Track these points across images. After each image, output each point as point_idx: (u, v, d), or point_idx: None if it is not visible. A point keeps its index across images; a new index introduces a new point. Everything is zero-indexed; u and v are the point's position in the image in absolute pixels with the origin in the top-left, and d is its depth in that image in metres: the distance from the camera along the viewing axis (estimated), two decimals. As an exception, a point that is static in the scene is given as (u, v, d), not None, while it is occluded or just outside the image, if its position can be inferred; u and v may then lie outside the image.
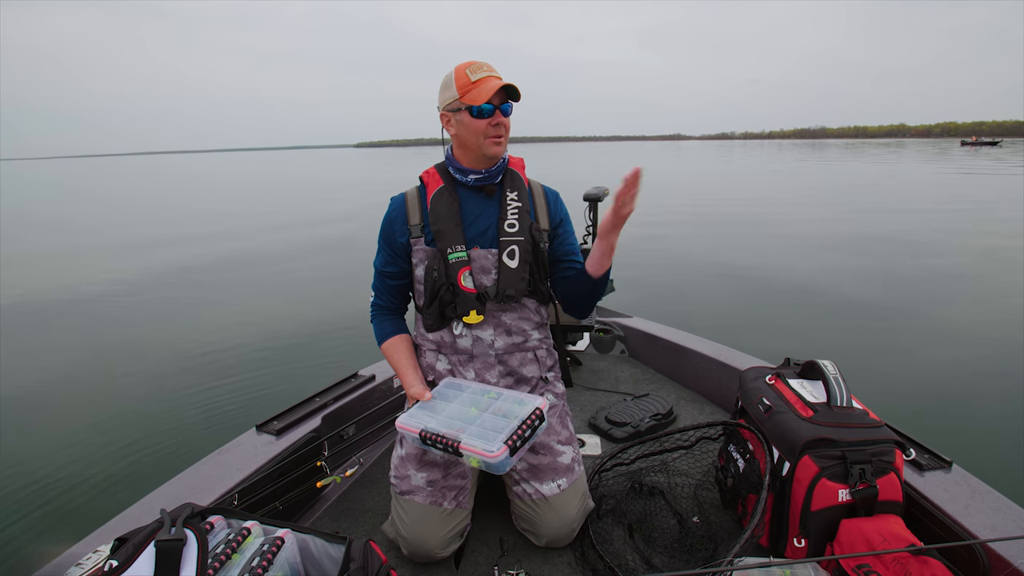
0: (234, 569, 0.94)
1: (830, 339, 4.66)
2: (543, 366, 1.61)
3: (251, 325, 5.35)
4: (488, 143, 1.41)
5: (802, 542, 1.33)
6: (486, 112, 1.38)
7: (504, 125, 1.41)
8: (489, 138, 1.41)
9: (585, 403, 2.37)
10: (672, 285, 6.42)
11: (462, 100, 1.38)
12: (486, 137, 1.40)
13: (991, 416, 3.27)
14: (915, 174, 23.66)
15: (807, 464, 1.30)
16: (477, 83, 1.37)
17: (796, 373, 1.60)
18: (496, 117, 1.39)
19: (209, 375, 4.14)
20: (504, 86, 1.37)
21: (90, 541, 1.25)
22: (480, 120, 1.39)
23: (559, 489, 1.49)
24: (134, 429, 3.38)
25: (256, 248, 9.53)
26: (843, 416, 1.36)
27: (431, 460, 1.49)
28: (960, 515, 1.29)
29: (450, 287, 1.44)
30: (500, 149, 1.44)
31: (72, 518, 2.55)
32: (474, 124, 1.39)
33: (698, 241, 9.08)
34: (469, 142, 1.43)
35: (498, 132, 1.41)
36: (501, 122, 1.40)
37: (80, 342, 5.01)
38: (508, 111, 1.42)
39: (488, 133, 1.40)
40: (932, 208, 12.40)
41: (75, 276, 7.62)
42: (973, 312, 5.22)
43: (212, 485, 1.48)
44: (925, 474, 1.44)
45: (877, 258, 7.46)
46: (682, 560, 1.43)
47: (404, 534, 1.45)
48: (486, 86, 1.36)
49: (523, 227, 1.47)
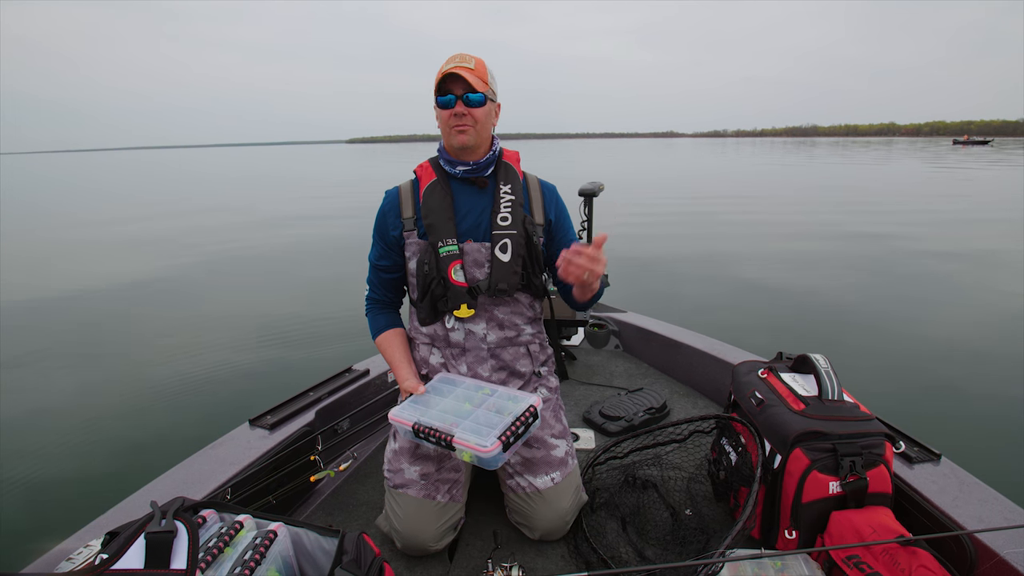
0: (227, 562, 0.94)
1: (822, 334, 4.69)
2: (536, 361, 1.60)
3: (244, 319, 5.33)
4: (452, 132, 1.41)
5: (793, 534, 1.34)
6: (449, 103, 1.39)
7: (471, 115, 1.40)
8: (453, 127, 1.41)
9: (579, 397, 2.38)
10: (666, 280, 6.44)
11: (434, 92, 1.41)
12: (450, 127, 1.41)
13: (980, 410, 3.30)
14: (915, 173, 23.74)
15: (798, 457, 1.32)
16: (443, 75, 1.38)
17: (788, 367, 1.61)
18: (458, 107, 1.39)
19: (201, 369, 4.12)
20: (449, 73, 1.37)
21: (81, 536, 1.25)
22: (445, 110, 1.40)
23: (553, 482, 1.49)
24: (125, 423, 3.37)
25: (250, 243, 9.48)
26: (834, 409, 1.37)
27: (425, 454, 1.49)
28: (948, 507, 1.30)
29: (441, 281, 1.44)
30: (464, 138, 1.42)
31: (62, 513, 2.54)
32: (440, 114, 1.42)
33: (692, 237, 9.10)
34: (442, 132, 1.45)
35: (460, 122, 1.40)
36: (465, 112, 1.39)
37: (73, 336, 4.98)
38: (475, 101, 1.39)
39: (451, 123, 1.40)
40: (925, 207, 12.48)
41: (67, 271, 7.57)
42: (963, 308, 5.27)
43: (205, 479, 1.48)
44: (914, 467, 1.45)
45: (870, 255, 7.51)
46: (675, 552, 1.44)
47: (398, 527, 1.46)
48: (447, 79, 1.38)
49: (516, 220, 1.47)
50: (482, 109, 1.41)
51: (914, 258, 7.27)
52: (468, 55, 1.41)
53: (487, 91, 1.40)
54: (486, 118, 1.43)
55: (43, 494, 2.69)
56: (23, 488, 2.74)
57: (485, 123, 1.43)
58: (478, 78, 1.38)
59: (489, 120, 1.45)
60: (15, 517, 2.53)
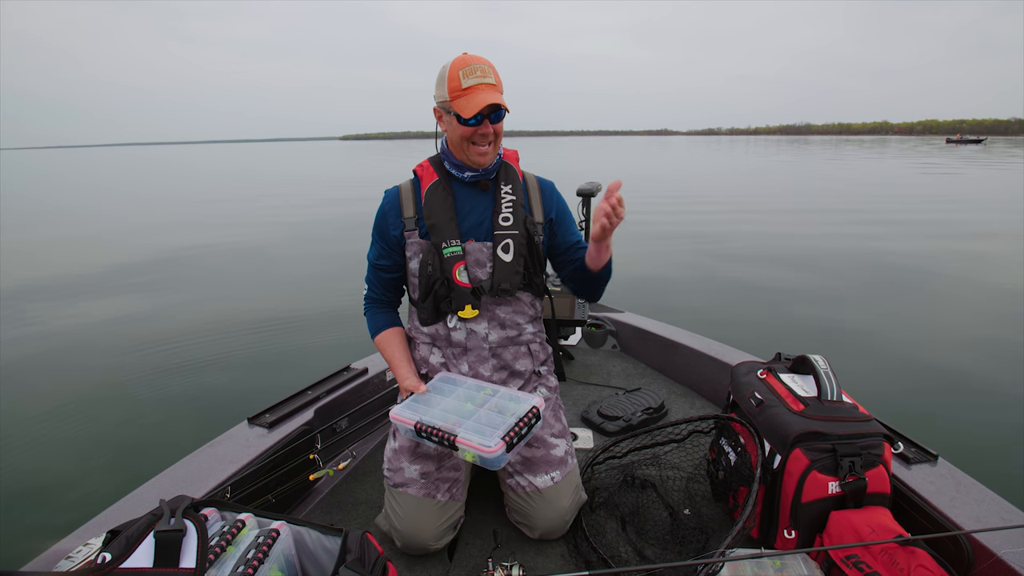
0: (229, 561, 0.93)
1: (820, 335, 4.72)
2: (536, 360, 1.61)
3: (242, 317, 5.30)
4: (473, 151, 1.40)
5: (792, 534, 1.35)
6: (476, 122, 1.36)
7: (494, 132, 1.40)
8: (474, 146, 1.40)
9: (577, 397, 2.38)
10: (663, 281, 6.45)
11: (452, 104, 1.36)
12: (471, 144, 1.40)
13: (977, 411, 3.32)
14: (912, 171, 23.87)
15: (798, 457, 1.32)
16: (467, 92, 1.34)
17: (787, 368, 1.62)
18: (484, 127, 1.38)
19: (199, 367, 4.11)
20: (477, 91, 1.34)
21: (80, 534, 1.24)
22: (467, 127, 1.38)
23: (552, 481, 1.50)
24: (123, 422, 3.35)
25: (247, 240, 9.44)
26: (833, 410, 1.38)
27: (424, 453, 1.49)
28: (946, 507, 1.31)
29: (445, 282, 1.44)
30: (485, 160, 1.42)
31: (59, 512, 2.52)
32: (461, 129, 1.38)
33: (689, 236, 9.12)
34: (456, 144, 1.43)
35: (485, 140, 1.39)
36: (489, 131, 1.39)
37: (69, 334, 4.94)
38: (498, 119, 1.39)
39: (474, 140, 1.39)
40: (919, 207, 12.55)
41: (65, 266, 7.51)
42: (962, 309, 5.30)
43: (204, 478, 1.47)
44: (912, 467, 1.46)
45: (869, 255, 7.55)
46: (674, 552, 1.45)
47: (398, 526, 1.45)
48: (475, 99, 1.33)
49: (518, 220, 1.47)
50: (502, 123, 1.41)
51: (912, 259, 7.31)
52: (484, 63, 1.36)
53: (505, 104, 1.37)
54: (502, 131, 1.43)
55: (40, 493, 2.67)
56: (20, 486, 2.72)
57: (501, 136, 1.43)
58: (500, 93, 1.37)
59: (502, 131, 1.44)
60: (11, 516, 2.51)
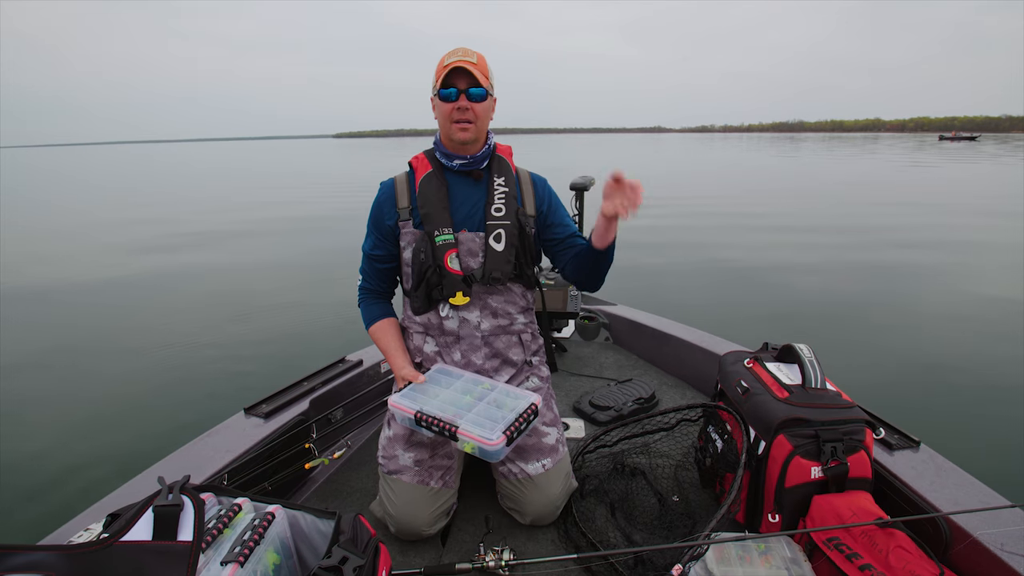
0: (226, 543, 0.96)
1: (807, 324, 4.77)
2: (528, 350, 1.64)
3: (237, 309, 5.31)
4: (454, 128, 1.43)
5: (776, 517, 1.39)
6: (451, 96, 1.40)
7: (472, 110, 1.41)
8: (455, 123, 1.42)
9: (570, 388, 2.41)
10: (656, 273, 6.50)
11: (435, 84, 1.42)
12: (452, 122, 1.42)
13: (960, 399, 3.39)
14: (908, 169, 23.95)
15: (782, 443, 1.36)
16: (446, 68, 1.39)
17: (773, 357, 1.65)
18: (460, 101, 1.40)
19: (195, 359, 4.13)
20: (455, 67, 1.38)
21: (80, 520, 1.26)
22: (446, 104, 1.41)
23: (544, 469, 1.53)
24: (120, 412, 3.37)
25: (244, 236, 9.43)
26: (817, 397, 1.41)
27: (419, 440, 1.52)
28: (926, 491, 1.35)
29: (436, 269, 1.46)
30: (466, 135, 1.43)
31: (59, 500, 2.54)
32: (442, 107, 1.42)
33: (683, 230, 9.15)
34: (441, 126, 1.46)
35: (463, 116, 1.41)
36: (467, 107, 1.40)
37: (67, 326, 4.95)
38: (477, 96, 1.41)
39: (453, 117, 1.41)
40: (912, 201, 12.62)
41: (63, 262, 7.50)
42: (946, 300, 5.36)
43: (201, 466, 1.50)
44: (895, 453, 1.50)
45: (856, 247, 7.60)
46: (661, 536, 1.48)
47: (392, 512, 1.48)
48: (452, 75, 1.39)
49: (510, 211, 1.49)
50: (483, 104, 1.43)
51: (898, 250, 7.38)
52: (470, 50, 1.42)
53: (488, 86, 1.42)
54: (485, 113, 1.45)
55: (40, 482, 2.69)
56: (19, 475, 2.74)
57: (484, 118, 1.45)
58: (481, 73, 1.40)
59: (488, 115, 1.47)
60: (11, 504, 2.53)
